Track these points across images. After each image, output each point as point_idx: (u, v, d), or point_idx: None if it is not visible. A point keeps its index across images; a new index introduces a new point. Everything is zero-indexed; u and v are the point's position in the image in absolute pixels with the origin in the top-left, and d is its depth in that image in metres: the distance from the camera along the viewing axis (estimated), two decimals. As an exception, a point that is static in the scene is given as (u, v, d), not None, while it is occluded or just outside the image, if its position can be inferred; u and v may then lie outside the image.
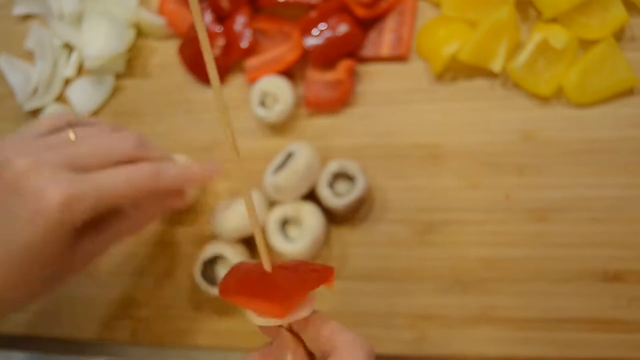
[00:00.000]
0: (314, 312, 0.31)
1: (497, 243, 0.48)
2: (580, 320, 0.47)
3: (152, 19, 0.57)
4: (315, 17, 0.52)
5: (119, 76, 0.59)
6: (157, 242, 0.56)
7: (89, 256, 0.43)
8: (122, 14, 0.56)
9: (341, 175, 0.50)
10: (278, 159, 0.50)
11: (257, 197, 0.50)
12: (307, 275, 0.31)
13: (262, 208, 0.49)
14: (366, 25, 0.53)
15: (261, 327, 0.32)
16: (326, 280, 0.31)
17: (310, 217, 0.49)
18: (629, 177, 0.47)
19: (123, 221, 0.44)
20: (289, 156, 0.50)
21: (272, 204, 0.51)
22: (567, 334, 0.47)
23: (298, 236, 0.49)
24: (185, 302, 0.54)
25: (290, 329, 0.32)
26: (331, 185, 0.50)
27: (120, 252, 0.56)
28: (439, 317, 0.49)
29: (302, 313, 0.31)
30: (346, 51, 0.53)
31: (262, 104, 0.53)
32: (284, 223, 0.50)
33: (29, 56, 0.61)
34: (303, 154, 0.49)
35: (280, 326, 0.32)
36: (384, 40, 0.53)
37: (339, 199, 0.49)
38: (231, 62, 0.55)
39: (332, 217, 0.51)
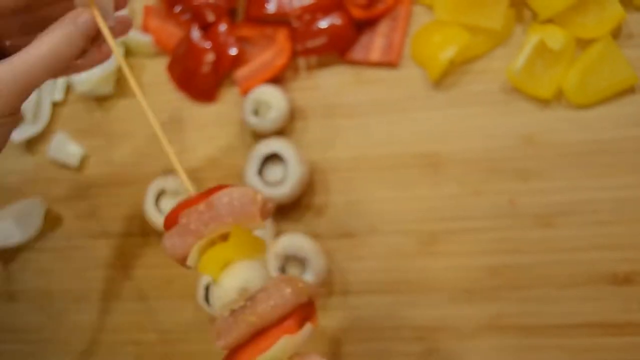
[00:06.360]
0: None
1: (503, 250, 0.48)
2: (590, 325, 0.46)
3: (139, 37, 0.56)
4: (311, 9, 0.51)
5: (109, 97, 0.58)
6: (154, 264, 0.55)
7: None
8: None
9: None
10: (256, 163, 0.50)
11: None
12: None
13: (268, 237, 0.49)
14: (359, 28, 0.52)
15: None
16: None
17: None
18: (634, 176, 0.46)
19: None
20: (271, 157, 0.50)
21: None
22: (578, 339, 0.46)
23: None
24: (189, 325, 0.54)
25: None
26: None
27: (119, 277, 0.55)
28: (448, 328, 0.48)
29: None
30: (337, 47, 0.52)
31: (256, 113, 0.52)
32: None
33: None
34: (294, 162, 0.49)
35: None
36: (374, 45, 0.52)
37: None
38: (222, 75, 0.54)
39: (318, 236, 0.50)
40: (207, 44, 0.53)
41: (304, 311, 0.33)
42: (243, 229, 0.33)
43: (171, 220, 0.34)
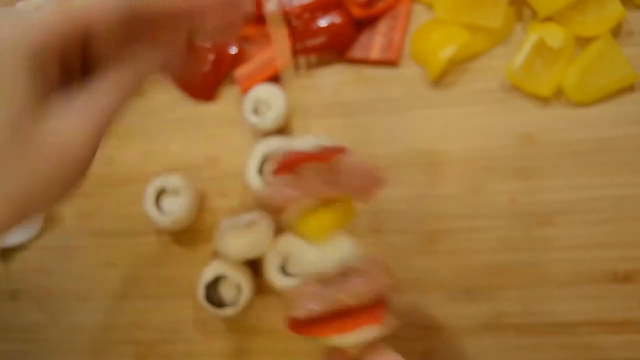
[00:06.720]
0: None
1: (503, 249, 0.48)
2: (591, 323, 0.46)
3: (139, 37, 0.56)
4: (311, 8, 0.52)
5: (108, 96, 0.58)
6: (155, 263, 0.55)
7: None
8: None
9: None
10: (256, 161, 0.50)
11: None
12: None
13: (270, 236, 0.49)
14: (359, 27, 0.52)
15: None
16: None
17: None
18: (633, 175, 0.46)
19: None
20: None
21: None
22: (578, 337, 0.46)
23: None
24: (189, 324, 0.54)
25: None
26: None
27: (119, 276, 0.55)
28: (448, 327, 0.48)
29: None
30: (336, 46, 0.52)
31: (256, 112, 0.52)
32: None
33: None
34: None
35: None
36: (374, 43, 0.52)
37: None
38: (222, 74, 0.54)
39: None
40: (207, 43, 0.54)
41: (386, 304, 0.32)
42: (351, 200, 0.32)
43: (285, 167, 0.32)
